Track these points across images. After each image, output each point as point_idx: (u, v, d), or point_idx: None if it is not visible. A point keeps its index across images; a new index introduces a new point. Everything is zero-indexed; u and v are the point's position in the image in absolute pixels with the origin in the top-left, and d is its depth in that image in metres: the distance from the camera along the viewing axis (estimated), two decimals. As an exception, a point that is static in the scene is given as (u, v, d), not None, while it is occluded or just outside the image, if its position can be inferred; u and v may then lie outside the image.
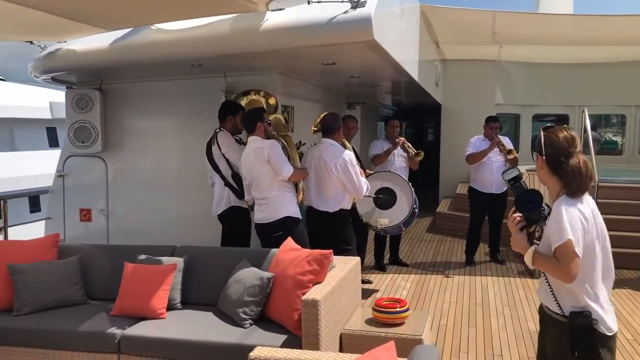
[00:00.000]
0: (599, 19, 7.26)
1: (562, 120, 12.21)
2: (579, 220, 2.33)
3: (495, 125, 7.16)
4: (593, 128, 12.59)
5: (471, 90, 11.27)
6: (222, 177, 5.17)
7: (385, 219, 5.82)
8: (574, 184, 2.38)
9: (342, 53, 4.93)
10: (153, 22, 4.58)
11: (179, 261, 4.04)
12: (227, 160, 5.11)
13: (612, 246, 2.24)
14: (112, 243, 6.51)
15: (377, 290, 6.16)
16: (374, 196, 5.70)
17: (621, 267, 7.06)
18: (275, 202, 4.50)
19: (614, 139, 12.87)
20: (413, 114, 17.05)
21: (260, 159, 4.46)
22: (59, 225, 6.60)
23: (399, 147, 6.72)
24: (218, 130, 5.21)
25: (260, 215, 4.59)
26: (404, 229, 6.03)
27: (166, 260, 4.03)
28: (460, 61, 11.29)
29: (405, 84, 7.70)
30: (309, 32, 4.15)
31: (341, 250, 4.88)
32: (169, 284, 3.86)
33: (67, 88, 6.39)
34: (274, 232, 4.47)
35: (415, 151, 6.88)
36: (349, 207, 5.07)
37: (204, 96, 5.97)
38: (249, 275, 3.73)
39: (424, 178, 9.73)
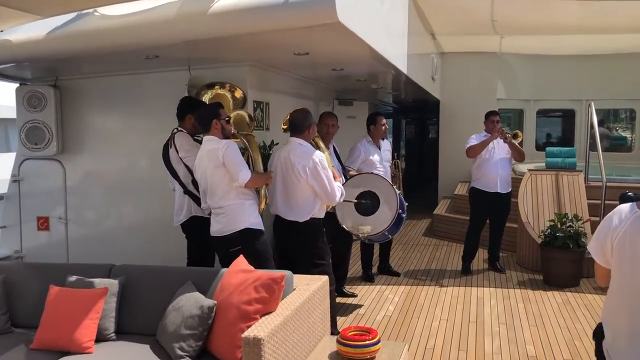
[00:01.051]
0: (605, 2, 6.64)
1: (568, 115, 11.59)
2: None
3: (496, 118, 6.55)
4: (601, 123, 11.97)
5: (471, 85, 10.66)
6: (182, 184, 4.59)
7: (367, 226, 5.22)
8: None
9: (312, 41, 4.34)
10: (94, 6, 4.00)
11: (113, 284, 3.45)
12: (186, 165, 4.53)
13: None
14: (71, 254, 5.98)
15: (360, 306, 5.57)
16: (355, 201, 5.12)
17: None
18: (233, 212, 3.91)
19: (623, 134, 12.22)
20: (415, 111, 16.44)
21: (214, 162, 3.87)
22: (15, 235, 6.05)
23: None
24: (175, 131, 4.63)
25: (216, 227, 4.00)
26: (389, 236, 5.44)
27: (99, 282, 3.45)
28: (459, 54, 10.68)
29: (394, 77, 7.09)
30: (264, 13, 3.56)
31: (313, 265, 4.29)
32: (98, 312, 3.29)
33: (19, 85, 5.83)
34: (232, 246, 3.88)
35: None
36: (321, 216, 4.45)
37: (168, 92, 5.37)
38: (188, 303, 3.14)
39: (424, 176, 9.22)
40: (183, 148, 4.50)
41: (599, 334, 2.55)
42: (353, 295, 5.83)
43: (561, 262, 6.17)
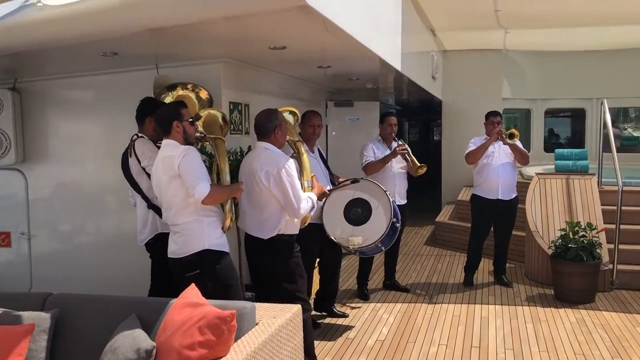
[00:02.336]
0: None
1: (579, 115, 10.99)
2: None
3: (496, 119, 6.02)
4: (612, 123, 11.37)
5: (475, 84, 10.09)
6: (144, 197, 4.05)
7: (358, 238, 4.66)
8: None
9: (286, 32, 3.81)
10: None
11: (44, 318, 2.92)
12: (149, 175, 3.98)
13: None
14: (35, 272, 5.47)
15: (351, 328, 5.00)
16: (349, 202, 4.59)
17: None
18: (190, 231, 3.36)
19: (634, 134, 11.61)
20: (419, 112, 15.90)
21: (168, 173, 3.33)
22: (-26, 252, 5.56)
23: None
24: (135, 137, 4.09)
25: (172, 247, 3.46)
26: (383, 248, 4.88)
27: (27, 316, 2.92)
28: (461, 52, 10.13)
29: (388, 76, 6.55)
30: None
31: (281, 290, 3.74)
32: (22, 354, 2.76)
33: (-25, 88, 5.34)
34: (188, 270, 3.34)
35: (418, 163, 5.74)
36: (292, 232, 3.85)
37: (135, 93, 4.81)
38: (125, 344, 2.60)
39: (431, 180, 8.67)
40: (145, 156, 3.96)
41: None
42: (344, 316, 5.28)
43: (574, 276, 5.57)
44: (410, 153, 5.75)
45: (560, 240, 5.74)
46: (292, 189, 3.61)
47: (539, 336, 4.72)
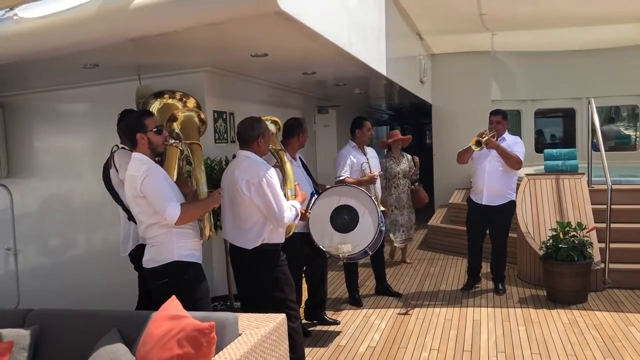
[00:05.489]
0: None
1: (569, 115, 11.01)
2: None
3: (494, 119, 5.88)
4: (611, 121, 11.39)
5: (464, 87, 10.14)
6: (125, 209, 4.02)
7: (347, 245, 4.64)
8: None
9: (265, 39, 3.79)
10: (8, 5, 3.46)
11: (24, 335, 2.88)
12: None
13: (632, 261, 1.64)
14: (22, 288, 5.41)
15: (343, 334, 4.96)
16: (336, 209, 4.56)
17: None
18: (161, 242, 3.30)
19: (626, 132, 11.63)
20: (410, 117, 15.92)
21: (132, 192, 3.25)
22: (-40, 269, 5.51)
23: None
24: (115, 148, 4.06)
25: (145, 257, 3.39)
26: (370, 253, 4.87)
27: (6, 334, 2.88)
28: (449, 55, 10.16)
29: (374, 81, 6.53)
30: (191, 5, 3.01)
31: (267, 299, 3.70)
32: (0, 372, 2.71)
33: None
34: (158, 279, 3.30)
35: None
36: (277, 241, 3.81)
37: (119, 105, 4.79)
38: (105, 359, 2.56)
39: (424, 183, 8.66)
40: (124, 168, 3.90)
41: None
42: (335, 323, 5.23)
43: (566, 276, 5.54)
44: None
45: (551, 241, 5.71)
46: (274, 198, 3.57)
47: (531, 338, 4.68)
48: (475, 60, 10.12)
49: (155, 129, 3.32)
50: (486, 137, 5.58)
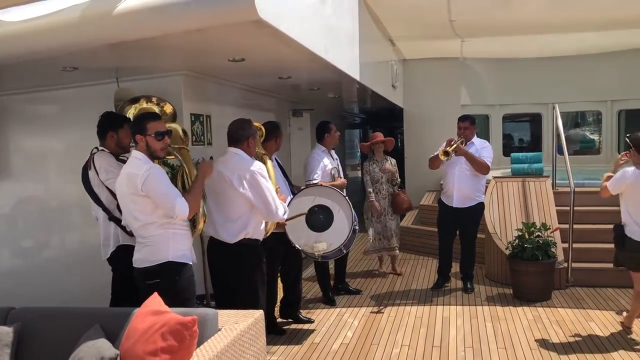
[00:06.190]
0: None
1: (536, 119, 11.34)
2: None
3: (462, 124, 6.10)
4: (577, 126, 11.76)
5: (434, 92, 10.38)
6: (105, 210, 4.09)
7: (323, 244, 4.79)
8: None
9: (243, 44, 3.91)
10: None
11: (6, 333, 2.94)
12: (109, 188, 4.02)
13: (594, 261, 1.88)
14: (-4, 289, 5.40)
15: (317, 332, 5.09)
16: (306, 212, 4.69)
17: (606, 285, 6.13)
18: (156, 243, 3.39)
19: (591, 137, 12.02)
20: (383, 120, 16.13)
21: (131, 189, 3.33)
22: None
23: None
24: (95, 150, 4.13)
25: (136, 256, 3.48)
26: (344, 251, 5.02)
27: (-11, 331, 2.94)
28: (420, 60, 10.39)
29: (347, 85, 6.69)
30: (179, 11, 3.11)
31: (243, 294, 3.83)
32: (-16, 369, 2.77)
33: None
34: (149, 279, 3.39)
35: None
36: (258, 237, 3.97)
37: (96, 108, 4.84)
38: (89, 354, 2.65)
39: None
40: (103, 169, 4.00)
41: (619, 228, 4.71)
42: (309, 321, 5.36)
43: (531, 275, 5.79)
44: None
45: (516, 241, 5.95)
46: (268, 191, 3.75)
47: (497, 334, 4.89)
48: (446, 66, 10.37)
49: (154, 134, 3.38)
50: (453, 147, 5.78)
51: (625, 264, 4.73)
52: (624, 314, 5.09)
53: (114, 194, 3.99)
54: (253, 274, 3.90)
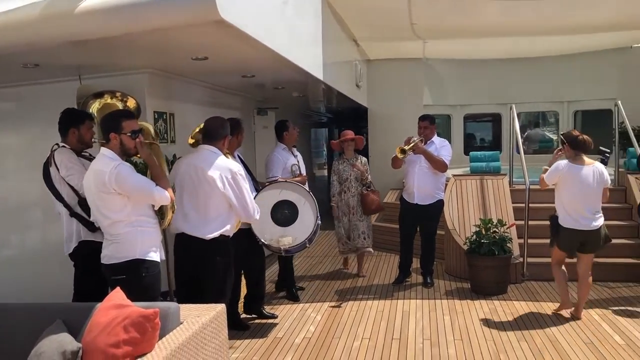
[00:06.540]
0: (526, 2, 6.59)
1: (496, 119, 11.65)
2: None
3: (422, 124, 6.30)
4: (536, 126, 12.10)
5: (398, 92, 10.55)
6: (67, 206, 4.10)
7: (288, 238, 4.89)
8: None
9: (206, 43, 3.98)
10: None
11: (-33, 328, 2.95)
12: (70, 185, 4.04)
13: (548, 255, 2.04)
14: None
15: (280, 327, 5.17)
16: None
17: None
18: (125, 240, 3.41)
19: (550, 136, 12.41)
20: (349, 120, 16.27)
21: (99, 187, 3.34)
22: None
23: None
24: (56, 147, 4.13)
25: (105, 252, 3.50)
26: (308, 246, 5.09)
27: (-51, 327, 2.94)
28: (384, 61, 10.57)
29: (311, 85, 6.79)
30: (141, 11, 3.16)
31: (212, 288, 3.90)
32: (-56, 365, 2.78)
33: None
34: (115, 275, 3.43)
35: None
36: (230, 234, 4.07)
37: (59, 105, 4.82)
38: (51, 348, 2.68)
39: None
40: (64, 165, 4.01)
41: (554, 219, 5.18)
42: (273, 317, 5.44)
43: (487, 269, 5.99)
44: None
45: (474, 237, 6.14)
46: (247, 193, 3.84)
47: (454, 326, 5.06)
48: (408, 67, 10.56)
49: (130, 133, 3.42)
50: (410, 146, 5.97)
51: (560, 247, 5.21)
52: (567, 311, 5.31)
53: (75, 190, 4.03)
54: (225, 269, 3.99)
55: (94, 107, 4.33)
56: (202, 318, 3.05)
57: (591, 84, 10.37)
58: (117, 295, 2.88)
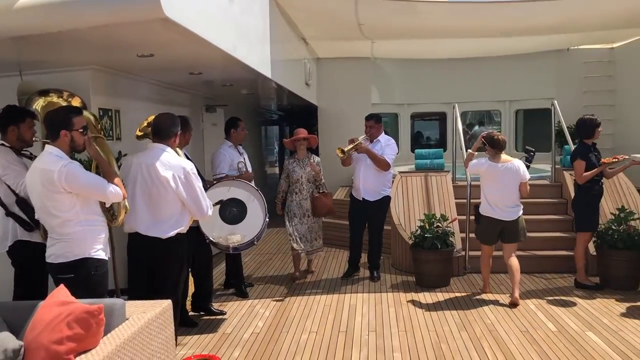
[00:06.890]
0: (470, 5, 6.82)
1: (441, 118, 11.96)
2: None
3: (367, 123, 6.49)
4: (481, 124, 12.46)
5: (346, 90, 10.72)
6: (3, 205, 4.02)
7: (237, 236, 4.93)
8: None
9: (151, 41, 3.98)
10: None
11: None
12: (7, 184, 3.97)
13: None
14: None
15: (229, 323, 5.22)
16: (219, 202, 4.82)
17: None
18: (73, 239, 3.37)
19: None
20: (300, 117, 16.36)
21: (47, 186, 3.28)
22: None
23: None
24: None
25: (51, 250, 3.44)
26: (256, 243, 5.14)
27: None
28: (333, 59, 10.71)
29: (259, 83, 6.84)
30: (85, 8, 3.15)
31: (167, 286, 3.93)
32: None
33: None
34: (63, 273, 3.39)
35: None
36: (185, 231, 4.09)
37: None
38: (-8, 346, 2.65)
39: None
40: (1, 165, 3.94)
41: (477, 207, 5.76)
42: (222, 313, 5.47)
43: (431, 262, 6.20)
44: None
45: (418, 231, 6.34)
46: (200, 191, 3.85)
47: (399, 318, 5.23)
48: (357, 66, 10.73)
49: (81, 129, 3.39)
50: (351, 146, 6.22)
51: (478, 237, 5.86)
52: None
53: (12, 189, 3.96)
54: (180, 266, 4.02)
55: (39, 104, 4.24)
56: (148, 314, 3.08)
57: (531, 84, 10.78)
58: (61, 292, 2.87)
